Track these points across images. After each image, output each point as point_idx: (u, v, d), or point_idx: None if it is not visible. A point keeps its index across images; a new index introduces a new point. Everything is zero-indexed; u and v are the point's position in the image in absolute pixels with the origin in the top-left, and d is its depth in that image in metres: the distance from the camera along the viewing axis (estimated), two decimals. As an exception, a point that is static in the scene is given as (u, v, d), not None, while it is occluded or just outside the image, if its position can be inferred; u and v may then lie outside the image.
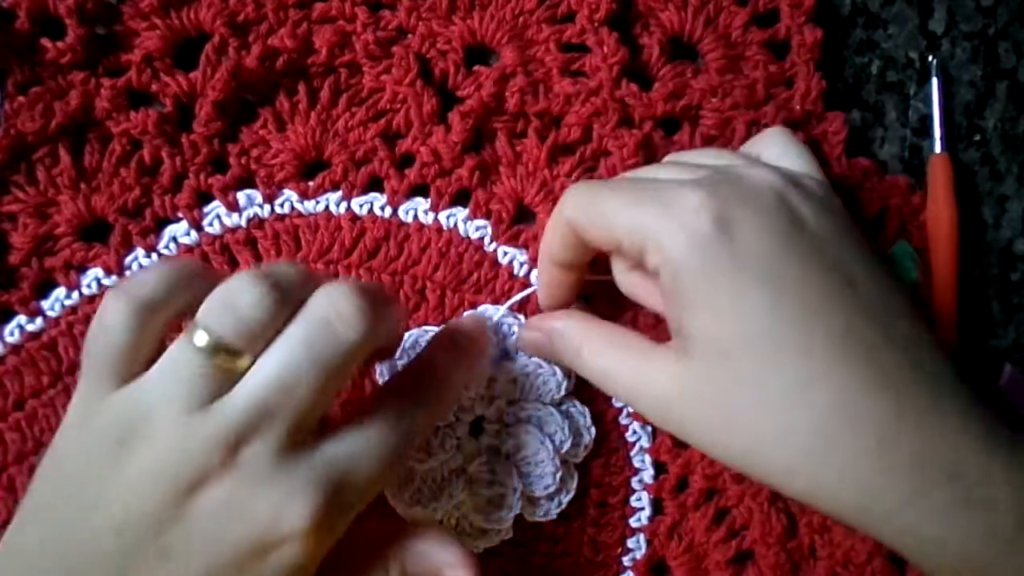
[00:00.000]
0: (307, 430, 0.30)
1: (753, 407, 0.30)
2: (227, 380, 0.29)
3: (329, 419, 0.32)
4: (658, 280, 0.32)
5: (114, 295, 0.30)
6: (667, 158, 0.37)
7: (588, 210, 0.33)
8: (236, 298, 0.29)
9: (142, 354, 0.30)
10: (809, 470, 0.30)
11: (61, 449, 0.30)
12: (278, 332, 0.29)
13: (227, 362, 0.28)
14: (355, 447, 0.30)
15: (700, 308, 0.31)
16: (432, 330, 0.38)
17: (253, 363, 0.29)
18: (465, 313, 0.39)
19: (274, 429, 0.28)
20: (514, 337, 0.39)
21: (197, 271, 0.31)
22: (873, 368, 0.30)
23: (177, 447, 0.28)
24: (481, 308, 0.39)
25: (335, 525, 0.30)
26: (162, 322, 0.30)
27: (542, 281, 0.38)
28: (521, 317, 0.39)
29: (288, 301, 0.29)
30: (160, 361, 0.29)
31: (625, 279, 0.36)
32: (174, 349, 0.29)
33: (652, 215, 0.31)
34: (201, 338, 0.28)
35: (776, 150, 0.36)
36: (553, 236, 0.35)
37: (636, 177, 0.35)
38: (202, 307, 0.29)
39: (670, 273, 0.31)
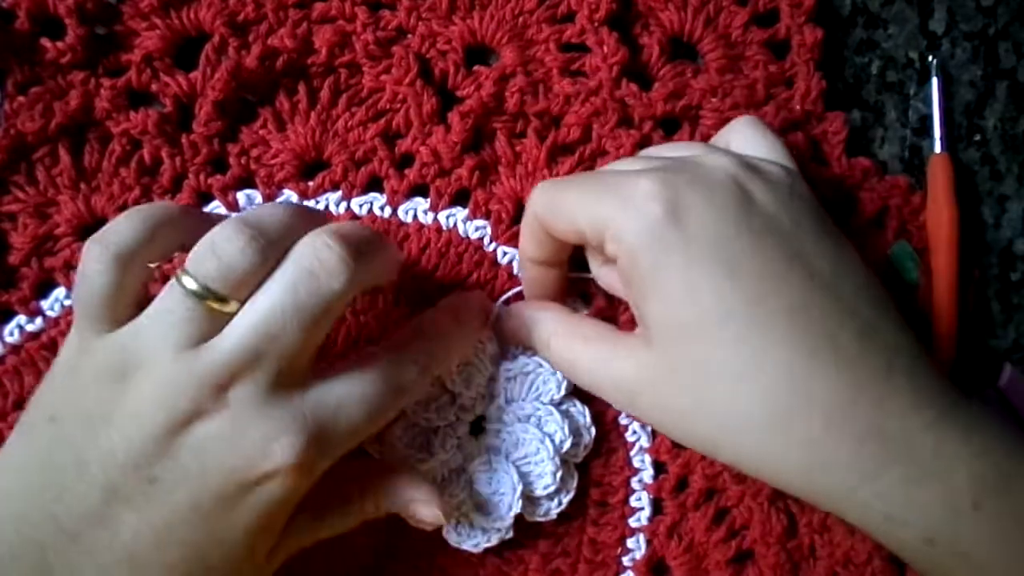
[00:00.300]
0: (296, 372, 0.31)
1: (711, 389, 0.31)
2: (216, 323, 0.30)
3: (328, 362, 0.33)
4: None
5: (92, 244, 0.31)
6: (639, 153, 0.37)
7: (552, 206, 0.34)
8: (223, 246, 0.30)
9: (128, 298, 0.31)
10: (772, 451, 0.30)
11: (56, 384, 0.32)
12: (267, 275, 0.30)
13: (215, 306, 0.30)
14: (343, 393, 0.31)
15: (656, 294, 0.31)
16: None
17: (241, 307, 0.30)
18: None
19: (262, 370, 0.30)
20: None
21: (174, 214, 0.32)
22: (824, 343, 0.30)
23: (171, 383, 0.29)
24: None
25: (317, 465, 0.31)
26: (143, 266, 0.31)
27: (524, 280, 0.39)
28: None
29: (274, 247, 0.30)
30: (152, 305, 0.30)
31: (601, 273, 0.37)
32: (165, 293, 0.30)
33: (609, 205, 0.32)
34: (190, 283, 0.29)
35: (743, 138, 0.35)
36: (526, 235, 0.36)
37: (600, 171, 0.36)
38: (191, 253, 0.30)
39: (627, 260, 0.31)
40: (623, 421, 0.40)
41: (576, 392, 0.39)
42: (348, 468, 0.34)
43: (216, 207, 0.40)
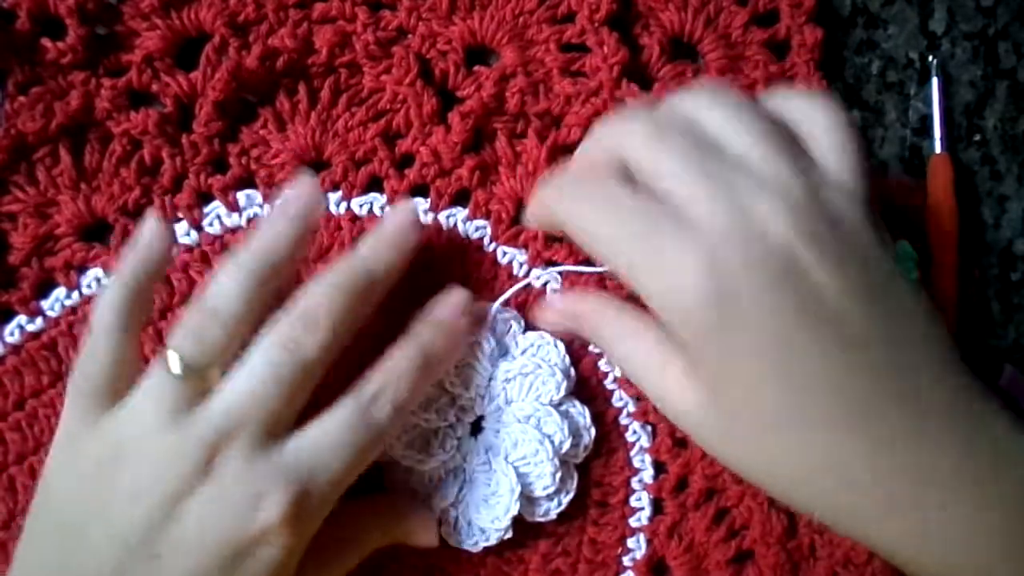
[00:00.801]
0: (278, 430, 0.32)
1: (754, 447, 0.31)
2: (202, 392, 0.32)
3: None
4: None
5: (96, 324, 0.33)
6: (674, 99, 0.33)
7: (574, 223, 0.33)
8: (201, 325, 0.32)
9: (127, 368, 0.33)
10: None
11: (55, 474, 0.33)
12: (247, 337, 0.32)
13: (199, 379, 0.32)
14: (320, 443, 0.32)
15: (698, 362, 0.31)
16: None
17: (223, 373, 0.32)
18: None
19: (246, 434, 0.31)
20: (511, 334, 0.39)
21: (151, 274, 0.34)
22: (874, 428, 0.30)
23: (163, 458, 0.31)
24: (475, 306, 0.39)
25: (309, 518, 0.32)
26: (134, 342, 0.34)
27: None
28: (516, 312, 0.39)
29: (246, 320, 0.32)
30: (141, 385, 0.32)
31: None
32: (151, 371, 0.32)
33: (644, 268, 0.30)
34: (174, 362, 0.31)
35: (821, 134, 0.31)
36: (538, 221, 0.37)
37: (628, 194, 0.31)
38: (173, 332, 0.32)
39: (664, 322, 0.31)
40: (623, 421, 0.40)
41: (576, 392, 0.39)
42: (346, 510, 0.34)
43: (216, 207, 0.40)
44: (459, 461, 0.38)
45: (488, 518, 0.37)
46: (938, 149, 0.41)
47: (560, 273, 0.40)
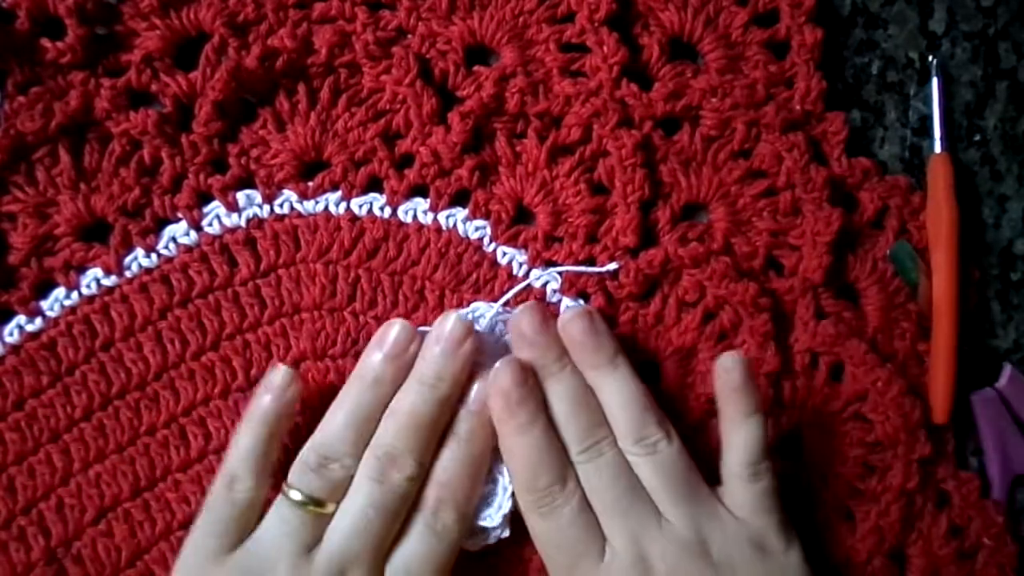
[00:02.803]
0: (385, 551, 0.36)
1: None
2: (320, 525, 0.35)
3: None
4: None
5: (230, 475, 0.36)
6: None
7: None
8: (323, 463, 0.36)
9: (252, 517, 0.36)
10: None
11: None
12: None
13: (316, 510, 0.35)
14: (408, 564, 0.36)
15: None
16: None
17: (336, 507, 0.36)
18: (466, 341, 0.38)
19: (359, 568, 0.35)
20: (510, 334, 0.39)
21: (284, 423, 0.37)
22: None
23: None
24: (474, 306, 0.39)
25: None
26: (266, 485, 0.37)
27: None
28: (515, 312, 0.39)
29: (354, 456, 0.36)
30: (265, 520, 0.36)
31: None
32: (276, 507, 0.36)
33: (559, 566, 0.36)
34: (296, 495, 0.35)
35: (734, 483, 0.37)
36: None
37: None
38: (293, 469, 0.36)
39: None
40: (623, 421, 0.40)
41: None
42: None
43: (215, 207, 0.40)
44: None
45: (484, 516, 0.37)
46: (938, 149, 0.41)
47: (560, 273, 0.40)
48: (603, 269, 0.39)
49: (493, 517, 0.37)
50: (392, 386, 0.37)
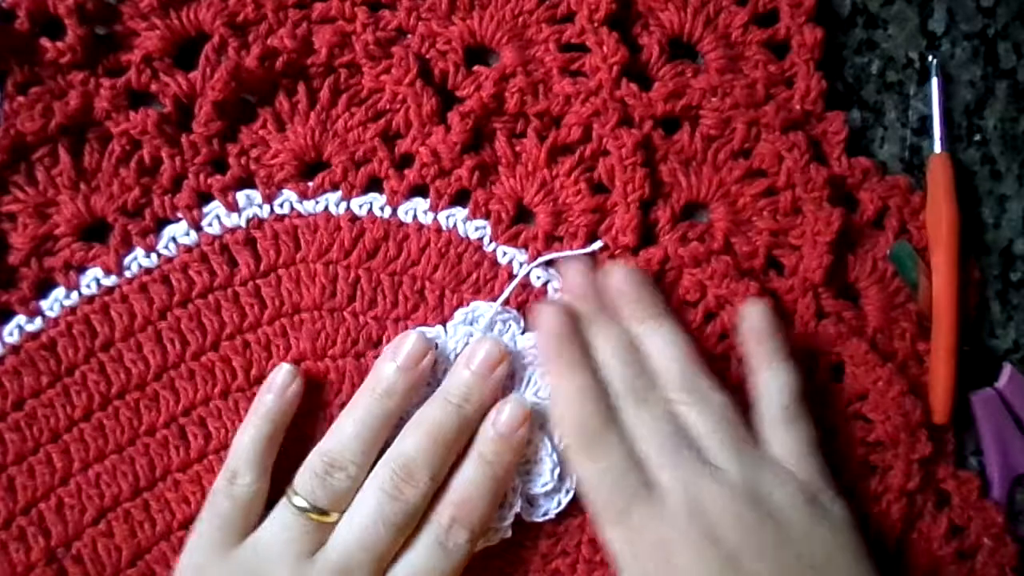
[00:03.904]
0: (384, 566, 0.35)
1: None
2: (322, 533, 0.35)
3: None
4: None
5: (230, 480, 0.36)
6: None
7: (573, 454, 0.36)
8: (329, 471, 0.35)
9: (254, 513, 0.36)
10: None
11: None
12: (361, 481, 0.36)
13: (319, 518, 0.35)
14: (416, 570, 0.35)
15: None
16: (429, 330, 0.38)
17: (340, 516, 0.35)
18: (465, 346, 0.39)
19: (362, 575, 0.35)
20: (510, 332, 0.39)
21: (285, 421, 0.38)
22: None
23: None
24: (473, 305, 0.39)
25: None
26: (267, 482, 0.37)
27: None
28: (516, 312, 0.39)
29: (363, 466, 0.36)
30: (267, 522, 0.36)
31: None
32: (277, 511, 0.36)
33: (611, 513, 0.35)
34: (300, 502, 0.35)
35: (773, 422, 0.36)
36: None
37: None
38: (299, 474, 0.36)
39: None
40: (623, 421, 0.40)
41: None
42: None
43: (215, 207, 0.40)
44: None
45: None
46: (938, 149, 0.41)
47: (548, 262, 0.40)
48: (588, 249, 0.39)
49: (502, 517, 0.37)
50: (404, 398, 0.37)
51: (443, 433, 0.36)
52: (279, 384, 0.37)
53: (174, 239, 0.40)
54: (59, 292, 0.39)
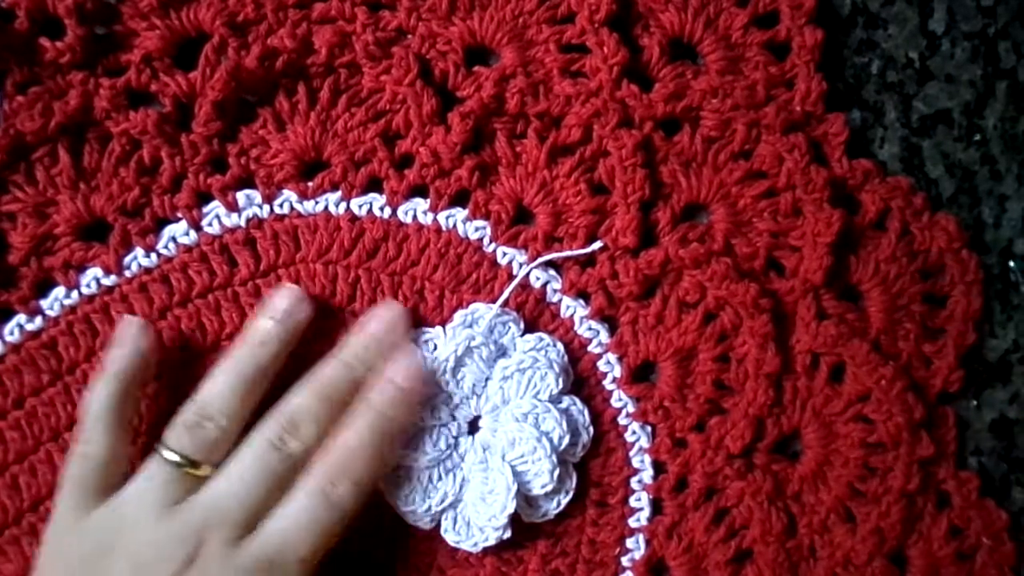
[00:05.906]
0: (256, 521, 0.34)
1: None
2: (192, 486, 0.34)
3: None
4: None
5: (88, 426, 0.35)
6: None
7: None
8: (198, 421, 0.35)
9: (115, 472, 0.35)
10: None
11: (47, 566, 0.35)
12: (237, 437, 0.35)
13: (191, 471, 0.34)
14: (286, 531, 0.34)
15: None
16: (428, 331, 0.38)
17: (214, 470, 0.35)
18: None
19: (226, 528, 0.33)
20: (509, 334, 0.39)
21: (139, 375, 0.37)
22: None
23: (152, 550, 0.33)
24: (472, 307, 0.39)
25: None
26: (126, 438, 0.36)
27: None
28: (515, 314, 0.39)
29: (238, 418, 0.35)
30: (134, 480, 0.35)
31: None
32: (147, 464, 0.35)
33: None
34: (170, 455, 0.34)
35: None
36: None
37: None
38: (168, 428, 0.35)
39: None
40: (622, 421, 0.40)
41: (575, 392, 0.39)
42: None
43: (215, 207, 0.40)
44: (456, 461, 0.38)
45: (485, 517, 0.37)
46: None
47: (548, 262, 0.40)
48: (588, 250, 0.39)
49: (498, 517, 0.37)
50: (279, 348, 0.37)
51: (331, 389, 0.36)
52: (126, 338, 0.37)
53: (174, 239, 0.40)
54: (59, 291, 0.39)
